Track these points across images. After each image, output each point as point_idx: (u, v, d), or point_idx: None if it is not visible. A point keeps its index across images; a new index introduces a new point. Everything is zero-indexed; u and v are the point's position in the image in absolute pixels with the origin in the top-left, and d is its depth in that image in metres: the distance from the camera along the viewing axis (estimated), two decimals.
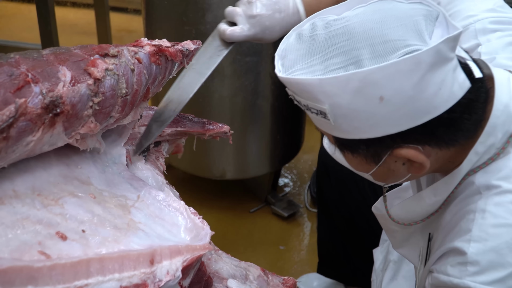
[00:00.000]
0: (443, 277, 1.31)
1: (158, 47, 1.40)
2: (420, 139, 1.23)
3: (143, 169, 1.54)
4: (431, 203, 1.43)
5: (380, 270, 1.98)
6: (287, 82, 1.24)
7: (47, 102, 1.13)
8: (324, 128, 1.28)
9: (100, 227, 1.20)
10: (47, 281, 1.03)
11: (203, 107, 2.85)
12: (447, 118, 1.19)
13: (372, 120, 1.18)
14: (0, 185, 1.18)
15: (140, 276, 1.13)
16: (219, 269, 1.53)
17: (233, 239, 3.08)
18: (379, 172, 1.34)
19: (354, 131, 1.22)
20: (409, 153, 1.24)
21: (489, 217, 1.27)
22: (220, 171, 3.06)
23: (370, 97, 1.15)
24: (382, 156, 1.27)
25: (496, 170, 1.31)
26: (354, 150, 1.29)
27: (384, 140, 1.22)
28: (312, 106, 1.22)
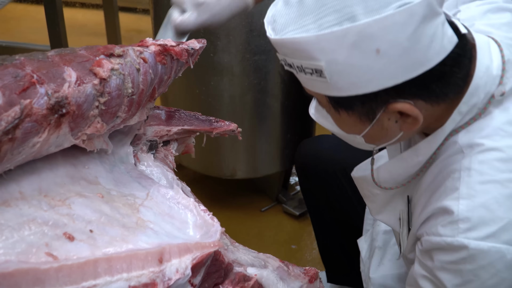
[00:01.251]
0: (435, 238, 1.32)
1: (163, 46, 1.40)
2: (414, 93, 1.25)
3: (152, 166, 1.54)
4: (414, 164, 1.45)
5: (367, 258, 1.99)
6: (281, 43, 1.25)
7: (53, 102, 1.13)
8: (318, 89, 1.29)
9: (108, 227, 1.20)
10: (54, 283, 1.03)
11: (213, 106, 2.85)
12: (439, 71, 1.23)
13: (369, 74, 1.20)
14: (6, 187, 1.18)
15: (149, 275, 1.13)
16: (238, 258, 1.52)
17: (244, 238, 3.07)
18: (372, 132, 1.36)
19: (350, 87, 1.23)
20: (404, 107, 1.25)
21: (475, 174, 1.29)
22: (230, 171, 3.06)
23: (367, 51, 1.17)
24: (377, 113, 1.29)
25: (478, 129, 1.34)
26: (349, 108, 1.30)
27: (379, 95, 1.24)
28: (307, 66, 1.23)
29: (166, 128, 1.62)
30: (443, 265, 1.31)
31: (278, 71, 2.77)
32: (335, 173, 2.21)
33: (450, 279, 1.31)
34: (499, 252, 1.25)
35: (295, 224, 3.17)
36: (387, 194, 1.62)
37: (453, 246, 1.28)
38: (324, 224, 2.43)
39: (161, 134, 1.62)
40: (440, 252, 1.32)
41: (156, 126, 1.62)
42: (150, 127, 1.59)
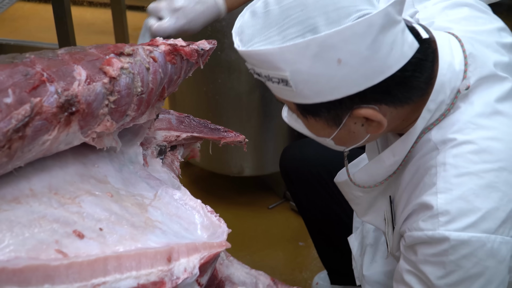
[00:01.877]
0: (416, 233, 1.35)
1: (173, 46, 1.41)
2: (377, 99, 1.29)
3: (160, 172, 1.55)
4: (391, 164, 1.50)
5: (359, 256, 2.00)
6: (248, 55, 1.29)
7: (63, 101, 1.14)
8: (286, 97, 1.34)
9: (117, 226, 1.21)
10: (63, 280, 1.04)
11: (220, 103, 2.85)
12: (401, 77, 1.27)
13: (332, 83, 1.24)
14: (16, 184, 1.19)
15: (158, 273, 1.14)
16: (231, 274, 1.55)
17: (251, 235, 3.08)
18: (340, 136, 1.40)
19: (315, 95, 1.27)
20: (367, 113, 1.30)
21: (450, 168, 1.33)
22: (238, 168, 3.06)
23: (329, 61, 1.21)
24: (343, 119, 1.33)
25: (449, 125, 1.38)
26: (316, 114, 1.34)
27: (344, 101, 1.28)
28: (273, 76, 1.27)
29: (175, 134, 1.64)
30: (426, 258, 1.34)
31: None
32: (320, 174, 2.23)
33: (433, 272, 1.34)
34: (479, 241, 1.28)
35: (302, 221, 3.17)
36: (370, 195, 1.66)
37: (435, 239, 1.31)
38: (317, 226, 2.44)
39: (170, 139, 1.63)
40: (423, 246, 1.35)
41: (166, 131, 1.63)
42: (160, 131, 1.61)
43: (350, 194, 1.73)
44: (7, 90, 1.07)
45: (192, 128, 1.68)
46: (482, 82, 1.38)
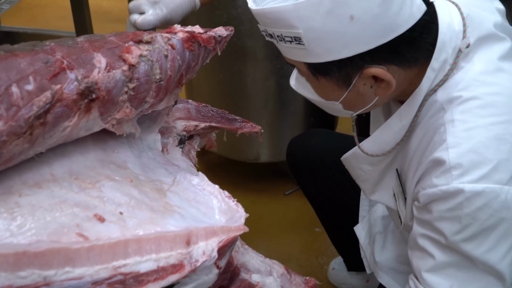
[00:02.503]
0: (431, 190, 1.36)
1: (191, 33, 1.42)
2: (386, 58, 1.32)
3: (179, 160, 1.57)
4: (398, 129, 1.51)
5: (367, 244, 2.01)
6: (262, 14, 1.32)
7: (83, 88, 1.15)
8: (298, 57, 1.36)
9: (137, 210, 1.23)
10: (84, 262, 1.06)
11: (236, 91, 2.86)
12: (409, 37, 1.30)
13: (344, 40, 1.27)
14: (38, 170, 1.21)
15: (177, 256, 1.16)
16: (246, 262, 1.56)
17: (268, 221, 3.09)
18: (349, 98, 1.42)
19: (327, 53, 1.30)
20: (377, 72, 1.32)
21: (459, 124, 1.35)
22: (254, 155, 3.07)
23: (341, 17, 1.24)
24: (353, 78, 1.36)
25: (454, 84, 1.40)
26: (327, 74, 1.37)
27: (354, 60, 1.31)
28: (286, 34, 1.30)
29: (194, 123, 1.65)
30: (441, 215, 1.35)
31: None
32: (326, 164, 2.24)
33: (449, 227, 1.34)
34: (493, 192, 1.29)
35: None
36: (377, 169, 1.67)
37: (449, 193, 1.31)
38: (328, 215, 2.45)
39: (189, 129, 1.65)
40: (437, 203, 1.35)
41: (185, 121, 1.65)
42: (179, 121, 1.62)
43: (358, 170, 1.74)
44: (28, 78, 1.09)
45: (210, 118, 1.70)
46: (482, 42, 1.41)
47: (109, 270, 1.08)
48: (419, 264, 1.44)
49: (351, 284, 2.65)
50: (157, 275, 1.13)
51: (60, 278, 1.03)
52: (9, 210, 1.09)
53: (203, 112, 1.72)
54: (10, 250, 1.00)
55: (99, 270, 1.06)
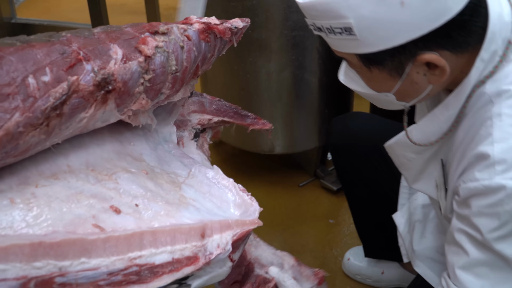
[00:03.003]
0: (472, 184, 1.35)
1: (207, 24, 1.42)
2: (439, 43, 1.31)
3: (194, 153, 1.57)
4: (445, 119, 1.49)
5: (406, 233, 2.00)
6: (310, 6, 1.31)
7: (99, 79, 1.15)
8: (349, 48, 1.36)
9: (152, 202, 1.23)
10: (100, 253, 1.06)
11: (251, 82, 2.86)
12: (460, 20, 1.29)
13: (396, 27, 1.26)
14: (54, 161, 1.21)
15: (192, 249, 1.16)
16: (259, 256, 1.57)
17: (282, 213, 3.09)
18: (402, 88, 1.41)
19: (379, 41, 1.30)
20: (431, 57, 1.32)
21: (506, 118, 1.33)
22: (268, 146, 3.08)
23: (392, 3, 1.23)
24: (406, 67, 1.35)
25: (503, 77, 1.38)
26: (380, 63, 1.36)
27: (407, 47, 1.30)
28: (336, 26, 1.30)
29: (208, 117, 1.66)
30: (480, 210, 1.33)
31: (316, 47, 2.78)
32: (368, 149, 2.23)
33: (487, 224, 1.33)
34: None
35: (333, 199, 3.19)
36: (422, 157, 1.65)
37: (491, 188, 1.30)
38: (360, 200, 2.44)
39: (203, 122, 1.65)
40: (478, 197, 1.34)
41: (199, 114, 1.65)
42: (194, 114, 1.63)
43: (402, 157, 1.73)
44: (44, 69, 1.09)
45: (224, 113, 1.71)
46: None
47: (124, 261, 1.08)
48: (453, 260, 1.44)
49: (365, 275, 2.66)
50: (172, 267, 1.13)
51: (76, 269, 1.03)
52: (25, 201, 1.09)
53: (217, 106, 1.72)
54: (26, 241, 1.00)
55: (114, 261, 1.07)
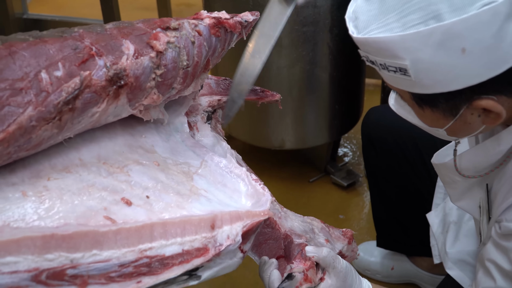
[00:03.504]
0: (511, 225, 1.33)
1: (218, 19, 1.43)
2: (497, 89, 1.25)
3: (209, 136, 1.57)
4: (495, 153, 1.45)
5: (440, 233, 1.99)
6: (364, 42, 1.26)
7: (111, 74, 1.17)
8: (402, 86, 1.31)
9: (163, 193, 1.24)
10: (112, 245, 1.08)
11: (261, 77, 2.84)
12: None
13: (454, 73, 1.21)
14: (66, 155, 1.23)
15: (201, 240, 1.17)
16: (292, 227, 1.57)
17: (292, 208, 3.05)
18: (454, 127, 1.37)
19: (435, 85, 1.24)
20: (488, 104, 1.26)
21: None
22: (279, 141, 3.08)
23: (453, 50, 1.18)
24: (460, 109, 1.30)
25: None
26: (434, 105, 1.32)
27: (464, 92, 1.24)
28: (390, 64, 1.24)
29: (217, 98, 1.65)
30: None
31: (326, 42, 2.78)
32: (404, 144, 2.20)
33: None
34: None
35: (343, 194, 3.19)
36: (468, 181, 1.61)
37: None
38: (383, 192, 2.45)
39: (213, 103, 1.65)
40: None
41: (208, 96, 1.65)
42: (203, 97, 1.63)
43: (447, 178, 1.69)
44: (57, 64, 1.11)
45: None
46: None
47: (135, 253, 1.09)
48: (481, 280, 1.45)
49: (375, 270, 2.66)
50: (182, 259, 1.14)
51: (87, 261, 1.05)
52: (37, 194, 1.11)
53: (223, 85, 1.72)
54: (38, 233, 1.02)
55: (125, 253, 1.08)
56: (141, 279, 1.11)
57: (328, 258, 1.43)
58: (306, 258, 1.42)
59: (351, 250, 1.72)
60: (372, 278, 2.67)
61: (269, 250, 1.49)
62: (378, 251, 2.69)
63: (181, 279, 1.16)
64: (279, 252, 1.50)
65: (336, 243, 1.65)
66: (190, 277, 1.17)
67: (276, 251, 1.50)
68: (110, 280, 1.08)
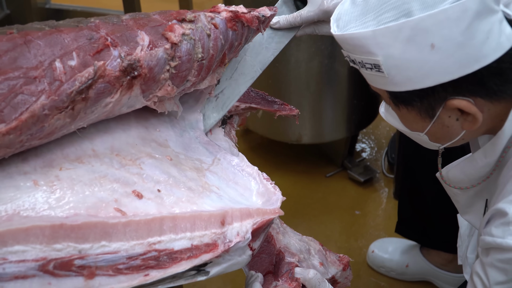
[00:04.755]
0: (488, 238, 1.34)
1: (235, 13, 1.42)
2: (471, 90, 1.27)
3: (222, 140, 1.58)
4: (483, 165, 1.47)
5: (466, 236, 1.99)
6: (342, 39, 1.30)
7: (125, 65, 1.16)
8: (379, 84, 1.34)
9: (175, 188, 1.24)
10: (121, 237, 1.08)
11: (280, 71, 2.86)
12: (497, 68, 1.24)
13: (425, 69, 1.23)
14: (80, 145, 1.23)
15: (211, 236, 1.17)
16: (288, 244, 1.57)
17: (308, 202, 3.10)
18: (434, 130, 1.38)
19: (407, 82, 1.27)
20: (461, 104, 1.28)
21: None
22: (296, 136, 3.08)
23: (422, 45, 1.21)
24: (436, 110, 1.32)
25: None
26: (408, 103, 1.34)
27: (437, 90, 1.27)
28: (367, 61, 1.28)
29: (235, 104, 1.66)
30: (493, 262, 1.33)
31: None
32: None
33: (495, 276, 1.33)
34: None
35: (359, 190, 3.18)
36: (466, 195, 1.62)
37: (502, 247, 1.29)
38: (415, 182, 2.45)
39: (231, 109, 1.65)
40: (494, 251, 1.33)
41: None
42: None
43: (449, 190, 1.70)
44: (71, 53, 1.11)
45: (251, 99, 1.71)
46: None
47: (144, 246, 1.09)
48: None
49: (390, 267, 2.66)
50: (190, 253, 1.14)
51: (96, 252, 1.05)
52: (49, 183, 1.11)
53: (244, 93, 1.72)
54: (47, 222, 1.02)
55: (134, 246, 1.09)
56: (148, 272, 1.10)
57: (314, 280, 1.44)
58: (293, 279, 1.43)
59: (345, 277, 1.73)
60: (386, 275, 2.68)
61: (260, 264, 1.50)
62: (392, 248, 2.68)
63: (189, 274, 1.16)
64: (269, 268, 1.50)
65: (330, 268, 1.65)
66: (198, 272, 1.17)
67: (266, 266, 1.51)
68: (117, 272, 1.08)
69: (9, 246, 0.98)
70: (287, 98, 2.91)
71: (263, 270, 1.50)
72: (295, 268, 1.46)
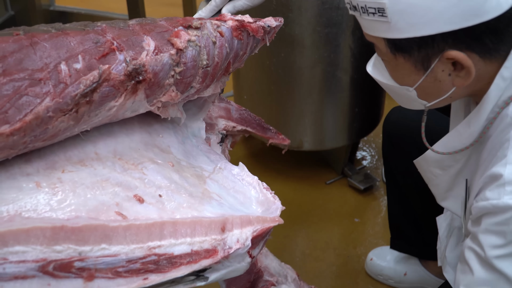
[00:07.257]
0: (482, 203, 1.34)
1: (241, 22, 1.43)
2: (469, 44, 1.31)
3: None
4: (467, 136, 1.49)
5: (445, 237, 1.99)
6: None
7: (130, 69, 1.17)
8: (378, 31, 1.37)
9: (176, 194, 1.24)
10: (121, 241, 1.08)
11: (282, 77, 2.86)
12: (494, 26, 1.28)
13: (428, 16, 1.27)
14: (83, 148, 1.24)
15: (211, 242, 1.17)
16: (268, 265, 1.60)
17: (308, 209, 3.10)
18: (425, 85, 1.41)
19: (410, 28, 1.30)
20: (458, 55, 1.31)
21: None
22: (297, 142, 3.08)
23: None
24: (432, 61, 1.35)
25: None
26: (406, 52, 1.36)
27: (436, 40, 1.30)
28: (370, 5, 1.31)
29: (233, 124, 1.68)
30: (488, 228, 1.33)
31: (348, 44, 2.77)
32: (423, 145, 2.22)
33: (491, 241, 1.32)
34: None
35: (359, 198, 3.18)
36: (448, 174, 1.65)
37: (499, 208, 1.30)
38: (399, 193, 2.45)
39: (228, 128, 1.67)
40: (487, 216, 1.33)
41: (225, 120, 1.68)
42: (221, 119, 1.65)
43: (429, 173, 1.72)
44: (77, 56, 1.12)
45: (248, 123, 1.73)
46: None
47: (144, 250, 1.10)
48: (459, 278, 1.44)
49: (388, 275, 2.66)
50: (190, 259, 1.14)
51: (96, 254, 1.06)
52: (51, 185, 1.12)
53: (242, 115, 1.74)
54: (48, 224, 1.03)
55: (134, 249, 1.09)
56: (147, 276, 1.11)
57: None
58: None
59: None
60: (384, 283, 2.67)
61: (239, 281, 1.52)
62: (391, 256, 2.68)
63: (188, 279, 1.16)
64: (246, 285, 1.52)
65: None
66: (197, 277, 1.17)
67: (244, 283, 1.53)
68: (117, 275, 1.09)
69: (10, 247, 0.99)
70: (289, 105, 2.91)
71: (240, 287, 1.52)
72: (271, 286, 1.47)
